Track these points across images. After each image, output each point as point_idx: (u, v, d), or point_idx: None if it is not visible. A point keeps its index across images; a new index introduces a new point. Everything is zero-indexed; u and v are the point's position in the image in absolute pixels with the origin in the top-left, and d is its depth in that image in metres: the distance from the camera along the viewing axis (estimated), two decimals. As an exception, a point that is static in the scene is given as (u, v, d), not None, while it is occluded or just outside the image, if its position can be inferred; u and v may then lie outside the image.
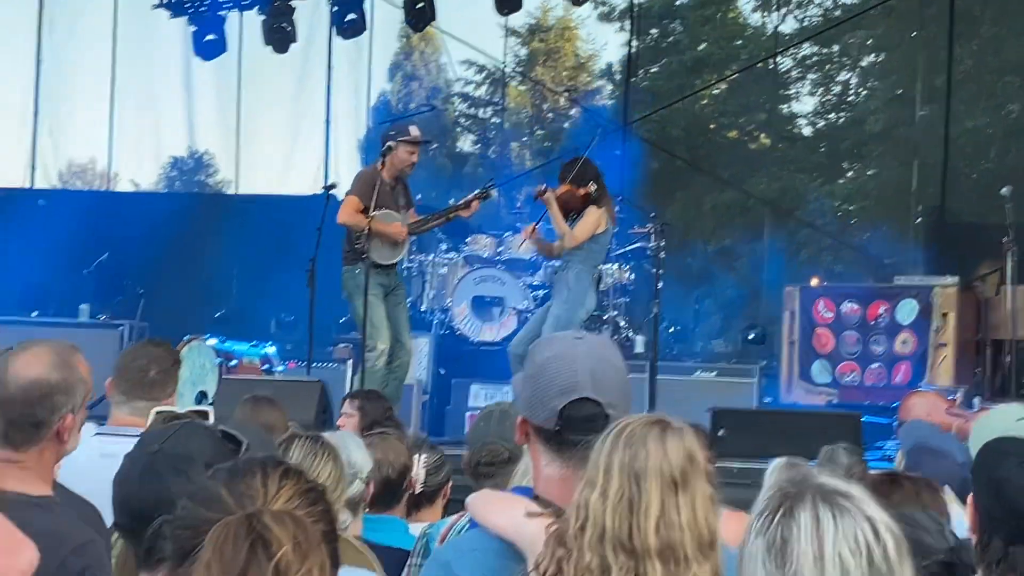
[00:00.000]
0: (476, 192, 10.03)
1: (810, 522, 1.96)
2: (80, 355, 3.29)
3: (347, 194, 9.74)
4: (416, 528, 4.66)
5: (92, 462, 3.36)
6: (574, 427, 2.57)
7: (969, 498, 2.88)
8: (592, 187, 9.56)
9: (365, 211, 9.36)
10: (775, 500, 2.02)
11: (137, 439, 2.66)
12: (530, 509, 2.56)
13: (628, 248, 13.20)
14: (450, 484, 5.10)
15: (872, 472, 4.60)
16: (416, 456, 4.89)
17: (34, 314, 13.67)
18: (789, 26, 25.31)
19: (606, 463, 2.36)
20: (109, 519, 2.72)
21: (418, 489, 4.88)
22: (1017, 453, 2.76)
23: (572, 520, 2.37)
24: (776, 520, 1.99)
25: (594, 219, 9.51)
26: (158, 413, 3.09)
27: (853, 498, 1.99)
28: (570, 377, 2.61)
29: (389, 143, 9.57)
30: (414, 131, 9.65)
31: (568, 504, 2.42)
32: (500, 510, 2.65)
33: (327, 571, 1.97)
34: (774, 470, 5.25)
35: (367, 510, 4.31)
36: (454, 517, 4.23)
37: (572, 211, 9.57)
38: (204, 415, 2.99)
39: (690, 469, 2.36)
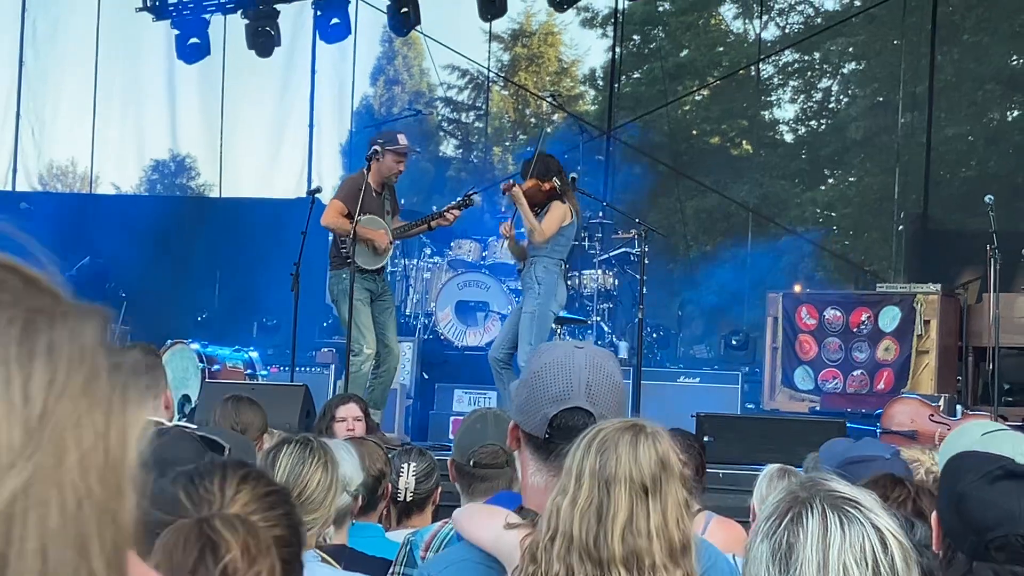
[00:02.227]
0: (458, 200, 10.06)
1: (817, 529, 1.95)
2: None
3: (332, 198, 9.76)
4: (397, 535, 4.65)
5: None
6: (564, 436, 2.52)
7: (933, 514, 2.88)
8: (556, 181, 9.60)
9: (350, 216, 9.37)
10: (784, 504, 2.01)
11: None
12: (510, 520, 2.53)
13: (612, 254, 13.22)
14: (439, 490, 5.09)
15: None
16: (405, 464, 4.88)
17: (15, 317, 13.58)
18: (771, 33, 25.39)
19: (578, 470, 2.34)
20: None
21: (408, 498, 4.87)
22: (976, 468, 2.75)
23: (543, 529, 2.35)
24: (783, 524, 1.98)
25: (560, 213, 9.55)
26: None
27: (863, 507, 1.98)
28: (564, 386, 2.58)
29: (376, 147, 9.58)
30: (402, 140, 9.67)
31: None
32: (481, 522, 2.63)
33: (277, 575, 1.96)
34: (766, 477, 5.28)
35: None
36: (437, 525, 4.22)
37: (536, 206, 9.60)
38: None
39: (662, 475, 2.32)
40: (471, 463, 4.29)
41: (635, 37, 25.59)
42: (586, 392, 2.58)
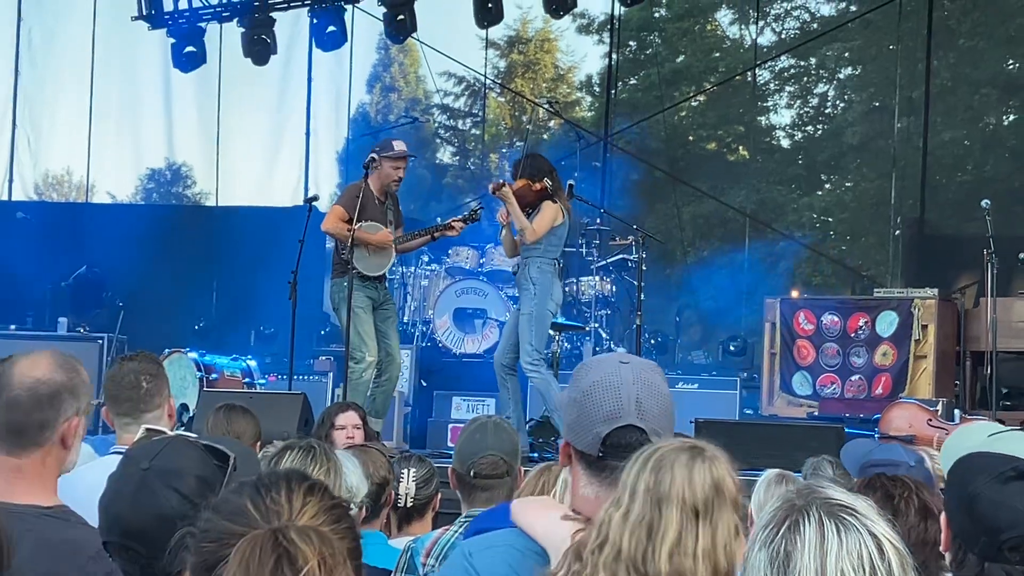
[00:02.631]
0: (465, 214, 10.03)
1: (815, 537, 1.96)
2: (80, 363, 3.28)
3: (333, 204, 9.78)
4: (398, 542, 4.65)
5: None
6: (616, 454, 2.54)
7: (942, 516, 2.88)
8: (547, 182, 9.58)
9: (350, 222, 9.37)
10: (781, 512, 2.01)
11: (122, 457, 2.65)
12: (567, 513, 2.58)
13: (609, 260, 13.22)
14: (439, 497, 5.09)
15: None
16: (405, 471, 4.88)
17: (12, 327, 13.59)
18: (767, 39, 25.42)
19: (632, 485, 2.36)
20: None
21: (408, 503, 4.87)
22: (988, 469, 2.75)
23: (593, 536, 2.38)
24: (781, 533, 1.98)
25: (551, 213, 9.53)
26: (148, 430, 3.08)
27: (859, 514, 1.99)
28: (614, 404, 2.58)
29: (373, 156, 9.59)
30: (398, 146, 9.66)
31: None
32: (536, 511, 2.67)
33: None
34: (763, 483, 5.28)
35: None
36: (438, 532, 4.22)
37: (528, 206, 9.57)
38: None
39: (715, 498, 2.34)
40: (471, 473, 4.28)
41: (631, 43, 25.60)
42: (636, 409, 2.58)
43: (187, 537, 2.11)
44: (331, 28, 16.34)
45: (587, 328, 12.74)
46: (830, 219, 24.98)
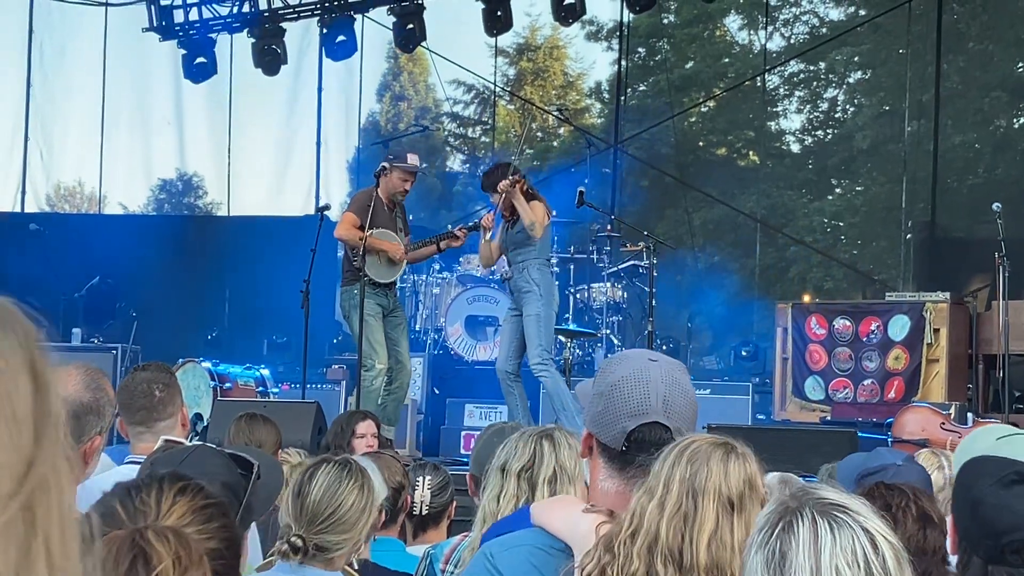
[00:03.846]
0: (470, 224, 10.06)
1: (808, 536, 1.99)
2: (107, 379, 3.31)
3: (344, 211, 9.80)
4: (414, 550, 4.67)
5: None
6: (641, 449, 2.57)
7: (949, 518, 2.90)
8: (527, 181, 9.64)
9: (361, 229, 9.40)
10: (775, 515, 2.04)
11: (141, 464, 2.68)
12: (588, 507, 2.60)
13: (620, 266, 13.24)
14: (454, 504, 5.10)
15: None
16: (420, 478, 4.89)
17: (26, 338, 13.60)
18: (776, 44, 25.41)
19: (667, 475, 2.39)
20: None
21: (424, 511, 4.88)
22: (992, 473, 2.77)
23: (625, 525, 2.40)
24: (775, 534, 2.01)
25: (542, 207, 9.57)
26: (166, 441, 3.10)
27: (851, 511, 2.01)
28: (642, 400, 2.60)
29: (384, 164, 9.62)
30: (411, 159, 9.68)
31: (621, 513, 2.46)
32: (557, 508, 2.69)
33: None
34: (769, 489, 5.27)
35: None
36: (457, 538, 4.24)
37: (515, 210, 9.57)
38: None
39: (748, 494, 2.39)
40: None
41: (640, 50, 25.61)
42: (663, 407, 2.61)
43: None
44: (341, 38, 16.39)
45: (598, 334, 12.75)
46: (841, 223, 24.95)
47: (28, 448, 0.93)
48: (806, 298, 14.67)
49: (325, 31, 16.69)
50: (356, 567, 3.72)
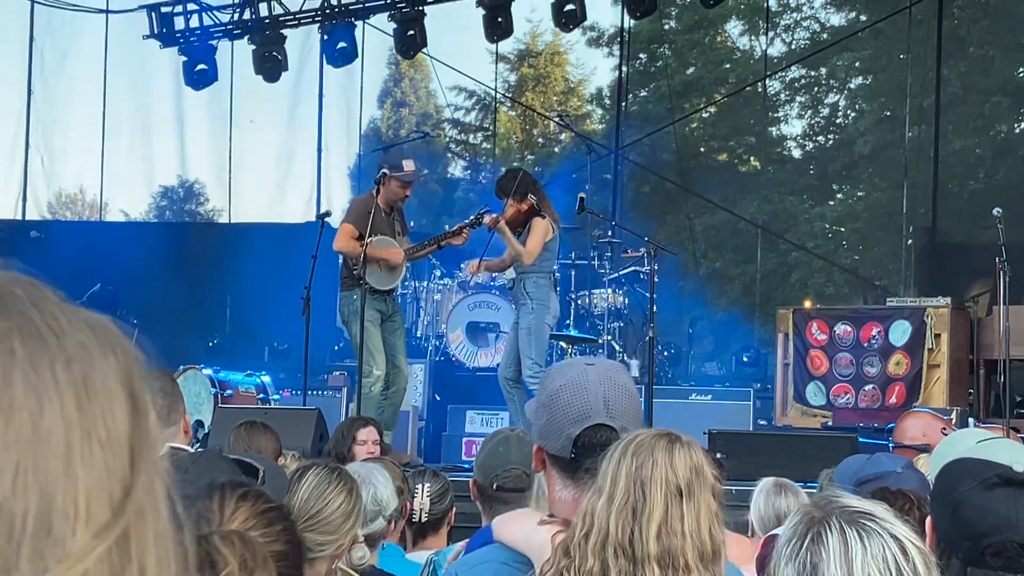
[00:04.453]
0: (469, 220, 10.04)
1: (839, 545, 1.99)
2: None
3: (342, 222, 9.78)
4: (415, 556, 4.66)
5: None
6: (588, 453, 2.58)
7: (928, 520, 2.90)
8: (532, 199, 9.65)
9: (360, 238, 9.39)
10: (803, 526, 2.05)
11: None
12: (544, 519, 2.61)
13: (621, 272, 13.24)
14: (454, 511, 5.10)
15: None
16: (419, 485, 4.89)
17: (28, 346, 13.60)
18: (777, 49, 25.42)
19: (614, 471, 2.41)
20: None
21: (423, 518, 4.88)
22: (974, 474, 2.76)
23: (578, 527, 2.41)
24: (805, 545, 2.02)
25: (542, 230, 9.62)
26: (171, 448, 3.10)
27: (878, 519, 2.02)
28: (583, 405, 2.62)
29: (384, 170, 9.61)
30: (408, 167, 9.67)
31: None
32: (514, 522, 2.71)
33: None
34: (762, 492, 5.28)
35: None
36: (460, 544, 4.24)
37: (518, 226, 9.63)
38: None
39: (696, 481, 2.40)
40: (494, 486, 4.30)
41: (641, 55, 25.64)
42: (605, 408, 2.63)
43: None
44: (342, 44, 16.39)
45: (600, 341, 12.75)
46: (842, 229, 24.96)
47: (125, 473, 0.92)
48: (807, 304, 14.65)
49: (326, 37, 16.70)
50: (360, 573, 3.72)
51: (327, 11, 16.44)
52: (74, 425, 0.89)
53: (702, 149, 26.19)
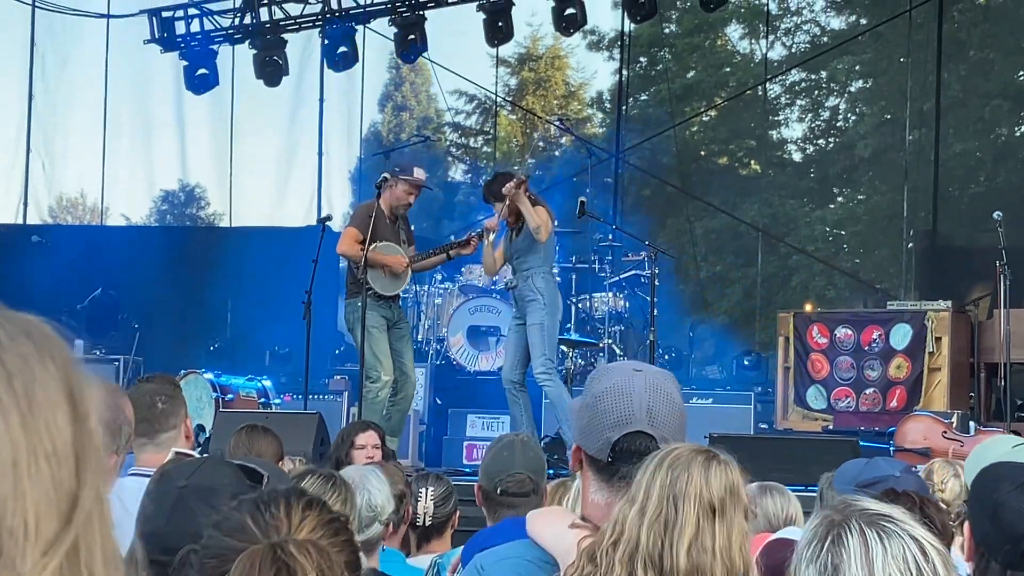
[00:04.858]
0: (478, 230, 9.99)
1: (859, 547, 2.01)
2: (125, 397, 3.31)
3: (346, 226, 9.78)
4: (418, 560, 4.67)
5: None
6: (626, 459, 2.58)
7: (966, 524, 2.90)
8: (530, 193, 9.65)
9: (363, 242, 9.38)
10: (823, 528, 2.06)
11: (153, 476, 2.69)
12: (576, 521, 2.61)
13: (622, 276, 13.24)
14: (457, 514, 5.11)
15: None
16: (423, 489, 4.90)
17: (29, 350, 13.60)
18: (777, 53, 25.45)
19: (648, 483, 2.40)
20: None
21: (427, 522, 4.89)
22: (1013, 478, 2.78)
23: (607, 535, 2.41)
24: (826, 547, 2.03)
25: (545, 211, 9.55)
26: (177, 454, 3.11)
27: (897, 520, 2.04)
28: (625, 410, 2.61)
29: (386, 174, 9.61)
30: (418, 173, 9.66)
31: None
32: (547, 520, 2.70)
33: None
34: (750, 497, 5.28)
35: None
36: (461, 548, 4.24)
37: (519, 215, 9.55)
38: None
39: (730, 500, 2.39)
40: (498, 491, 4.31)
41: (642, 59, 25.65)
42: (647, 416, 2.61)
43: (191, 554, 2.15)
44: (342, 48, 16.41)
45: (600, 344, 12.75)
46: (843, 232, 24.98)
47: (71, 483, 0.91)
48: (808, 307, 14.65)
49: (326, 42, 16.72)
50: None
51: (328, 15, 16.45)
52: (20, 444, 0.88)
53: (702, 153, 26.20)
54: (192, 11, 16.73)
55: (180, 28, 16.72)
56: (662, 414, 2.62)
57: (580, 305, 13.19)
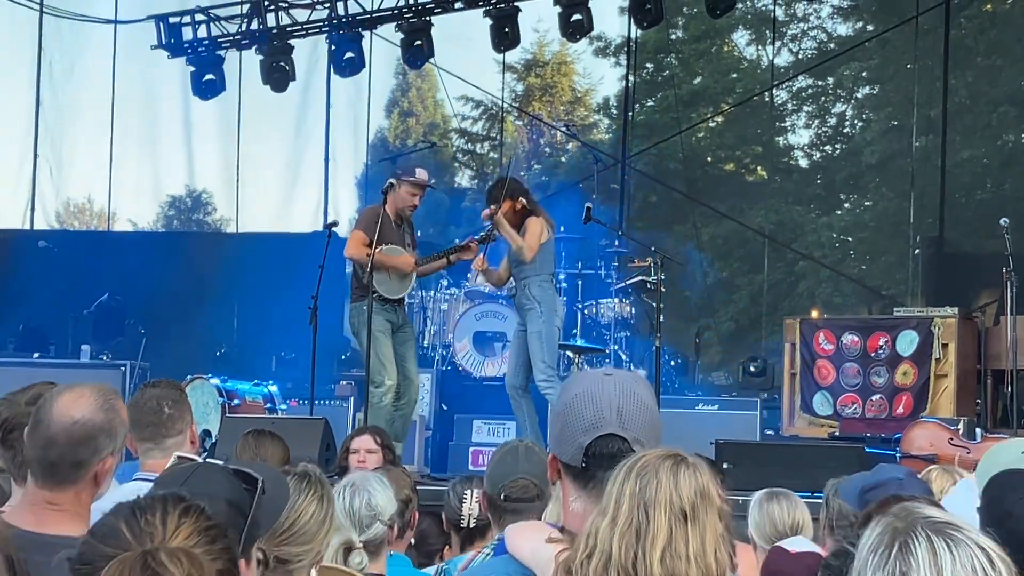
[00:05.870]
0: (481, 234, 10.02)
1: (928, 555, 2.01)
2: (121, 399, 3.32)
3: (353, 229, 9.79)
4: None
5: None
6: (600, 464, 2.57)
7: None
8: (523, 201, 9.66)
9: (370, 245, 9.38)
10: (888, 535, 2.06)
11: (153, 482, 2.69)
12: (552, 536, 2.59)
13: (628, 282, 13.24)
14: None
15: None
16: (468, 491, 4.91)
17: (35, 355, 13.65)
18: (784, 59, 25.48)
19: (617, 493, 2.39)
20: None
21: (472, 524, 4.90)
22: (1021, 486, 2.77)
23: (580, 548, 2.39)
24: (893, 555, 2.03)
25: (537, 228, 9.60)
26: (179, 458, 3.11)
27: (963, 529, 2.04)
28: (595, 414, 2.61)
29: (391, 180, 9.62)
30: (420, 174, 9.68)
31: None
32: (524, 535, 2.69)
33: None
34: (756, 503, 5.30)
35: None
36: (471, 553, 4.25)
37: (514, 228, 9.60)
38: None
39: (701, 503, 2.37)
40: (502, 496, 4.31)
41: (648, 65, 25.69)
42: (618, 418, 2.61)
43: (64, 561, 2.14)
44: (349, 54, 16.44)
45: (607, 350, 12.75)
46: (849, 239, 24.97)
47: None
48: (814, 313, 14.67)
49: (333, 48, 16.75)
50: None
51: (335, 21, 16.48)
52: None
53: (709, 159, 26.21)
54: (199, 17, 16.76)
55: (187, 34, 16.75)
56: (633, 416, 2.62)
57: (586, 311, 13.19)
